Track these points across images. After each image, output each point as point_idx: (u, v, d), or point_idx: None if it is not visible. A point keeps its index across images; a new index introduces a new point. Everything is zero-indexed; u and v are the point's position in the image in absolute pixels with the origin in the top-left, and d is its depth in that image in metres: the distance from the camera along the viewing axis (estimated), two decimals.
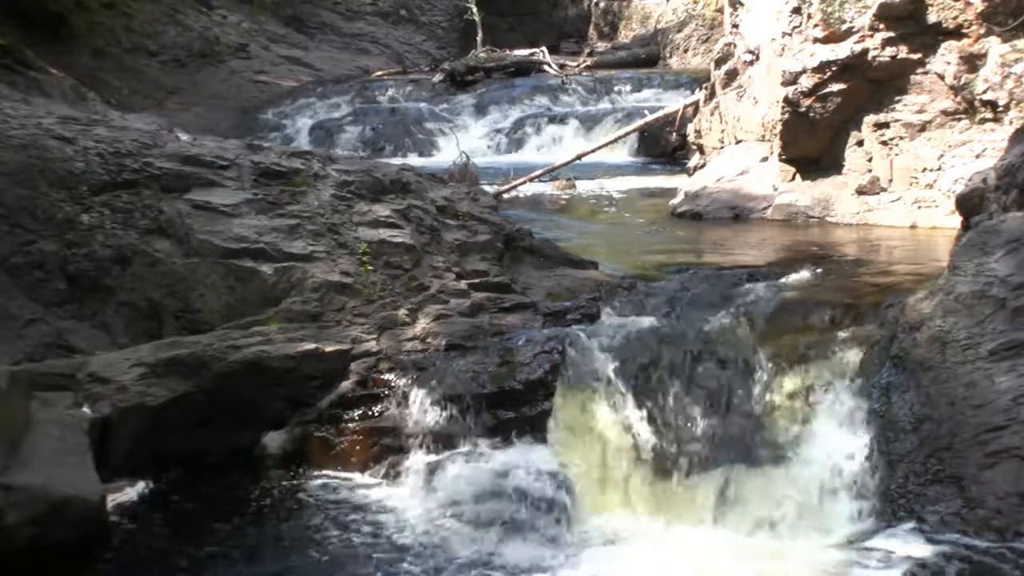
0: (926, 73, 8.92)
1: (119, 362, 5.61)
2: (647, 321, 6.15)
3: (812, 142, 9.67)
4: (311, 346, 5.81)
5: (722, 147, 11.15)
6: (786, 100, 9.49)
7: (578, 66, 21.46)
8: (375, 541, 4.85)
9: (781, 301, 6.25)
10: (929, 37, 8.82)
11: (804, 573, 4.46)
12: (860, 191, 9.36)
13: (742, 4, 11.32)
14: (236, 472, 5.53)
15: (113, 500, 5.05)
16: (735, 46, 11.39)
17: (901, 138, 9.15)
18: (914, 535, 4.56)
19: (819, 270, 6.98)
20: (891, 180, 9.26)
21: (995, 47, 8.48)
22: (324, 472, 5.56)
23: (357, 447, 5.61)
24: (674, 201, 10.67)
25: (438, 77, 19.84)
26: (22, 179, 6.12)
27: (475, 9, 24.41)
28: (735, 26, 11.69)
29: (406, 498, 5.25)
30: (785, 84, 9.46)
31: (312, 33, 23.97)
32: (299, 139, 16.75)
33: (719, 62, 11.71)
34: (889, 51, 8.96)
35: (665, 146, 15.53)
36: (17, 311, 5.81)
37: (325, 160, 7.16)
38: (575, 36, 28.44)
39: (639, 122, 14.75)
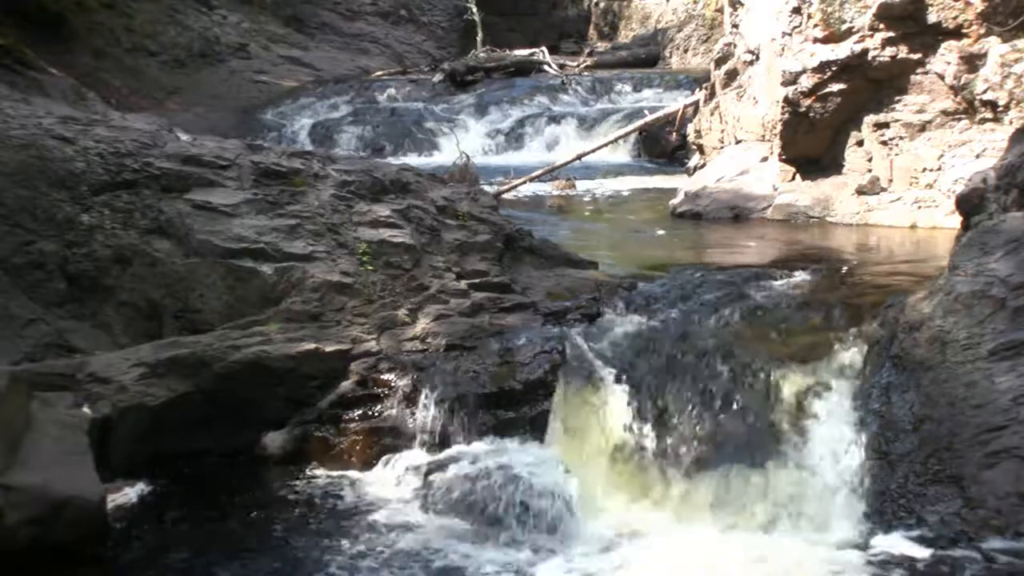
0: (926, 73, 8.92)
1: (119, 362, 5.61)
2: (647, 321, 6.15)
3: (812, 142, 9.67)
4: (311, 346, 5.81)
5: (722, 147, 11.15)
6: (786, 100, 9.49)
7: (578, 66, 21.46)
8: (375, 541, 4.85)
9: (781, 301, 6.25)
10: (929, 37, 8.81)
11: (804, 573, 4.46)
12: (860, 191, 9.36)
13: (742, 4, 11.30)
14: (236, 472, 5.53)
15: (113, 500, 5.04)
16: (735, 46, 11.38)
17: (901, 138, 9.14)
18: (914, 535, 4.56)
19: (819, 270, 6.98)
20: (891, 180, 9.26)
21: (995, 47, 8.47)
22: (324, 472, 5.56)
23: (357, 447, 5.62)
24: (674, 201, 10.67)
25: (438, 77, 19.84)
26: (22, 179, 6.12)
27: (475, 9, 24.43)
28: (735, 26, 11.68)
29: (406, 498, 5.25)
30: (785, 84, 9.47)
31: (312, 33, 23.96)
32: (299, 139, 16.76)
33: (719, 62, 11.71)
34: (889, 51, 8.96)
35: (665, 146, 15.54)
36: (17, 311, 5.81)
37: (325, 160, 7.16)
38: (575, 36, 28.44)
39: (639, 122, 14.77)
